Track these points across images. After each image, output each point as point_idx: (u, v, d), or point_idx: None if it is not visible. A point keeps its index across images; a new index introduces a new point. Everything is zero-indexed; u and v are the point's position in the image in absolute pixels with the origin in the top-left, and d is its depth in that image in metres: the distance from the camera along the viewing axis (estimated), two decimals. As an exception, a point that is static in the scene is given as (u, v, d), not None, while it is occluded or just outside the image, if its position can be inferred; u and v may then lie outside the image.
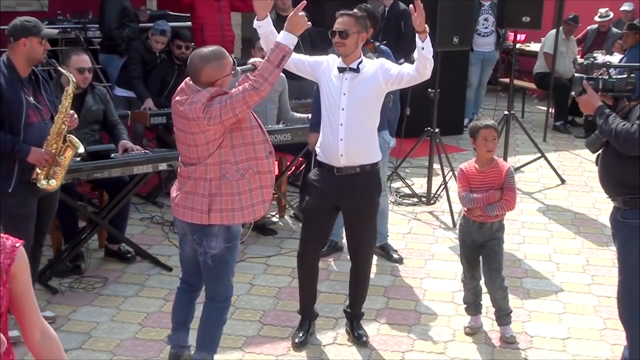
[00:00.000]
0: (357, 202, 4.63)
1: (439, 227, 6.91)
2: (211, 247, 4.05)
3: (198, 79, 3.93)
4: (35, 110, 4.54)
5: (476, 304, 5.04)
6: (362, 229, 4.72)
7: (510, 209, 4.82)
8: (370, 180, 4.64)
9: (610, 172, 4.10)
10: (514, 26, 8.54)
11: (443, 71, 7.25)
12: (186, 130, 3.95)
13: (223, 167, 3.95)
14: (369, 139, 4.59)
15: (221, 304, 4.24)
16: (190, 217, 4.03)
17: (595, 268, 6.13)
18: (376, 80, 4.51)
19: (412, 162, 8.38)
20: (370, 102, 4.54)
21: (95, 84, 6.02)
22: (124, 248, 5.97)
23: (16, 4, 8.72)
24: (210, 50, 4.00)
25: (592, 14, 11.33)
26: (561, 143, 10.13)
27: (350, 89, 4.51)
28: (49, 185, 4.58)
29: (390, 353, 4.76)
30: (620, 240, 4.17)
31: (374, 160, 4.63)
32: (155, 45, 7.48)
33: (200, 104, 3.84)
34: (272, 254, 6.14)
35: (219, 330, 4.30)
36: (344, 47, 4.49)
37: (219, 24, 8.30)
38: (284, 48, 3.92)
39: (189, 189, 4.03)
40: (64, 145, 4.58)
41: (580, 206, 7.62)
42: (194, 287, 4.35)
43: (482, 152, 4.78)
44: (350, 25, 4.49)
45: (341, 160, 4.55)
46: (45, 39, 4.51)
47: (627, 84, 4.07)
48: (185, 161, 4.07)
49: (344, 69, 4.53)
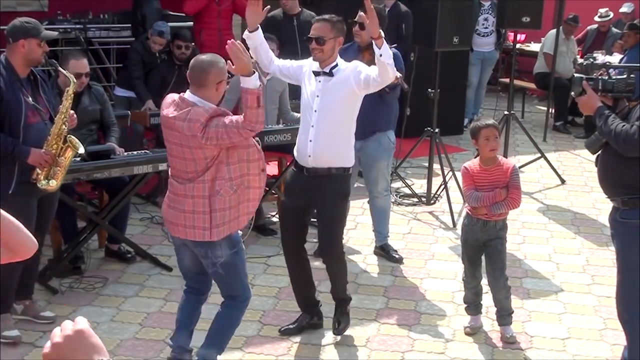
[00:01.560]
0: (321, 204, 4.68)
1: (439, 227, 6.91)
2: (218, 257, 4.07)
3: (205, 82, 3.95)
4: (35, 111, 4.54)
5: (476, 304, 5.04)
6: (323, 231, 4.76)
7: (516, 207, 4.84)
8: (336, 185, 4.63)
9: (609, 173, 4.10)
10: (514, 26, 8.54)
11: (443, 71, 7.25)
12: (183, 144, 3.94)
13: (218, 183, 3.96)
14: (339, 144, 4.59)
15: (240, 303, 4.28)
16: (193, 235, 4.03)
17: (595, 268, 6.13)
18: (348, 84, 4.51)
19: (412, 162, 8.38)
20: (342, 105, 4.55)
21: (93, 84, 6.02)
22: (124, 248, 5.97)
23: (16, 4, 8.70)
24: (210, 55, 4.10)
25: (592, 14, 11.32)
26: (561, 143, 10.13)
27: (324, 92, 4.54)
28: (49, 186, 4.58)
29: (390, 353, 4.76)
30: (620, 240, 4.17)
31: (343, 165, 4.63)
32: (153, 46, 7.48)
33: (199, 124, 3.85)
34: (272, 254, 6.14)
35: (232, 330, 4.33)
36: (321, 53, 4.52)
37: (217, 28, 8.30)
38: (253, 92, 3.91)
39: (187, 207, 4.00)
40: (64, 146, 4.58)
41: (580, 206, 7.62)
42: (201, 290, 4.37)
43: (485, 151, 4.79)
44: (326, 31, 4.50)
45: (309, 161, 4.59)
46: (44, 41, 4.51)
47: (627, 84, 4.07)
48: (181, 176, 4.03)
49: (319, 72, 4.57)
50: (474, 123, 4.95)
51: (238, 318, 4.32)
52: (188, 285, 4.38)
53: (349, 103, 4.57)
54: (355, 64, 4.61)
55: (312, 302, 4.95)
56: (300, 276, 4.90)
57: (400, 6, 8.35)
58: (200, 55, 4.16)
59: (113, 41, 9.11)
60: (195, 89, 3.98)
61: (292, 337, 4.87)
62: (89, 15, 9.17)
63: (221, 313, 4.28)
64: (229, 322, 4.29)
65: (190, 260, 4.23)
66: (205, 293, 4.39)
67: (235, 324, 4.32)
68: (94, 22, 9.04)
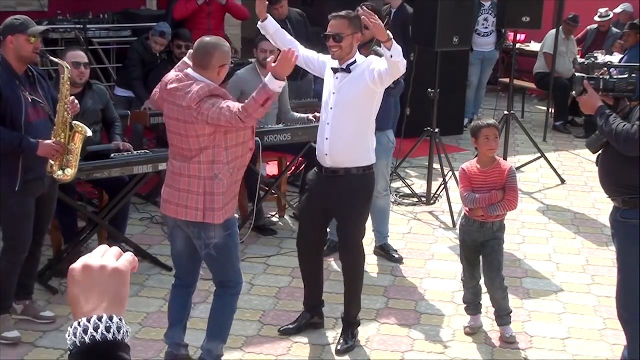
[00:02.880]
0: (342, 205, 4.60)
1: (439, 227, 6.91)
2: (211, 237, 4.07)
3: (208, 63, 3.98)
4: (35, 109, 4.54)
5: (476, 304, 5.03)
6: (345, 232, 4.68)
7: (512, 209, 4.83)
8: (357, 184, 4.57)
9: (610, 173, 4.10)
10: (514, 26, 8.54)
11: (443, 71, 7.24)
12: (179, 118, 3.98)
13: (216, 167, 3.99)
14: (356, 142, 4.54)
15: (231, 290, 4.26)
16: (185, 214, 4.05)
17: (595, 268, 6.13)
18: (364, 81, 4.48)
19: (412, 162, 8.37)
20: (358, 102, 4.51)
21: (94, 82, 6.01)
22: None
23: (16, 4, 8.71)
24: (215, 38, 4.15)
25: (592, 14, 11.31)
26: (561, 143, 10.12)
27: (340, 88, 4.51)
28: (65, 176, 4.58)
29: (390, 353, 4.76)
30: (620, 240, 4.17)
31: (362, 164, 4.57)
32: (154, 46, 7.48)
33: (196, 95, 3.89)
34: (272, 254, 6.14)
35: (230, 319, 4.32)
36: (340, 51, 4.46)
37: (207, 29, 8.30)
38: (269, 91, 3.92)
39: (182, 186, 4.05)
40: (72, 133, 4.57)
41: (580, 206, 7.61)
42: (189, 282, 4.36)
43: (483, 150, 4.79)
44: (344, 27, 4.44)
45: (327, 160, 4.55)
46: (33, 37, 4.49)
47: (628, 84, 4.07)
48: (178, 153, 4.07)
49: (337, 69, 4.54)
50: (474, 122, 4.96)
51: (233, 306, 4.30)
52: (177, 278, 4.37)
53: (365, 99, 4.52)
54: (371, 60, 4.55)
55: (318, 303, 4.94)
56: (315, 276, 4.86)
57: (407, 8, 8.34)
58: (204, 37, 4.17)
59: (113, 41, 9.11)
60: (199, 70, 4.01)
61: (292, 337, 4.86)
62: (89, 15, 9.18)
63: (216, 305, 4.28)
64: (225, 312, 4.29)
65: (183, 243, 4.21)
66: (192, 285, 4.38)
67: (232, 312, 4.32)
68: (94, 22, 9.04)
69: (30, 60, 4.56)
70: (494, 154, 4.81)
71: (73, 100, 4.64)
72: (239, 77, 6.49)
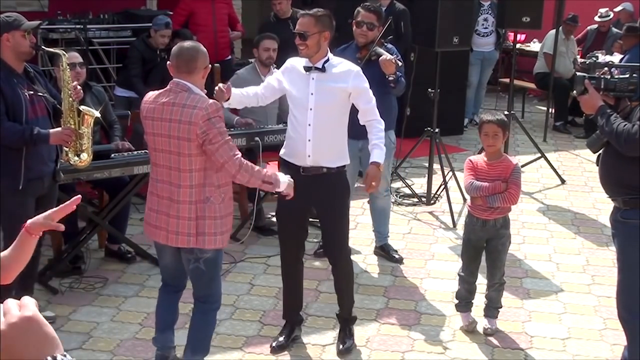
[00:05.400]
0: (326, 203, 4.59)
1: (439, 227, 6.91)
2: (204, 253, 4.01)
3: (194, 67, 3.93)
4: (35, 106, 4.55)
5: (467, 301, 5.06)
6: (332, 230, 4.66)
7: (513, 203, 4.84)
8: (337, 181, 4.57)
9: (610, 172, 4.09)
10: (514, 26, 8.54)
11: (443, 71, 7.24)
12: (172, 134, 3.87)
13: (207, 190, 3.92)
14: (338, 141, 4.53)
15: (214, 305, 4.24)
16: (175, 241, 3.98)
17: (595, 268, 6.13)
18: (345, 85, 4.43)
19: (412, 162, 8.37)
20: (337, 102, 4.48)
21: (93, 84, 6.01)
22: (124, 248, 5.96)
23: (16, 4, 8.69)
24: (192, 42, 4.16)
25: (592, 14, 11.32)
26: (561, 143, 10.12)
27: (318, 88, 4.44)
28: (82, 161, 4.59)
29: (391, 353, 4.76)
30: (620, 240, 4.16)
31: (340, 164, 4.56)
32: (160, 40, 7.45)
33: (204, 112, 3.81)
34: (272, 254, 6.13)
35: (212, 332, 4.31)
36: (307, 49, 4.41)
37: (213, 31, 8.31)
38: (274, 186, 4.03)
39: (171, 212, 3.95)
40: (80, 117, 4.58)
41: (580, 206, 7.61)
42: (178, 287, 4.33)
43: (484, 146, 4.89)
44: (310, 26, 4.38)
45: (307, 160, 4.49)
46: (28, 32, 4.50)
47: (629, 84, 4.06)
48: (166, 175, 3.95)
49: (310, 68, 4.46)
50: (482, 114, 5.03)
51: (214, 319, 4.30)
52: (165, 283, 4.34)
53: (342, 101, 4.50)
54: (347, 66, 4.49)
55: (298, 306, 4.87)
56: (294, 279, 4.80)
57: (397, 5, 8.35)
58: (181, 42, 4.10)
59: (113, 41, 9.11)
60: (184, 76, 3.94)
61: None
62: (89, 15, 9.17)
63: (197, 320, 4.22)
64: (209, 326, 4.27)
65: (171, 258, 4.17)
66: (181, 290, 4.35)
67: (213, 326, 4.31)
68: (94, 22, 9.03)
69: (29, 54, 4.57)
70: (495, 150, 4.84)
71: (75, 85, 4.65)
72: (239, 76, 6.49)
